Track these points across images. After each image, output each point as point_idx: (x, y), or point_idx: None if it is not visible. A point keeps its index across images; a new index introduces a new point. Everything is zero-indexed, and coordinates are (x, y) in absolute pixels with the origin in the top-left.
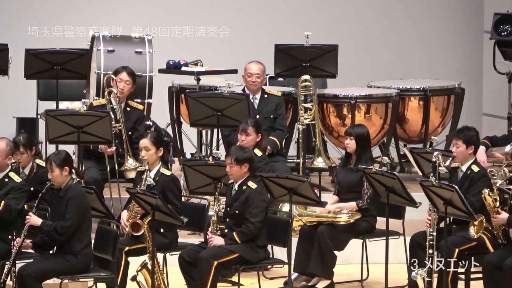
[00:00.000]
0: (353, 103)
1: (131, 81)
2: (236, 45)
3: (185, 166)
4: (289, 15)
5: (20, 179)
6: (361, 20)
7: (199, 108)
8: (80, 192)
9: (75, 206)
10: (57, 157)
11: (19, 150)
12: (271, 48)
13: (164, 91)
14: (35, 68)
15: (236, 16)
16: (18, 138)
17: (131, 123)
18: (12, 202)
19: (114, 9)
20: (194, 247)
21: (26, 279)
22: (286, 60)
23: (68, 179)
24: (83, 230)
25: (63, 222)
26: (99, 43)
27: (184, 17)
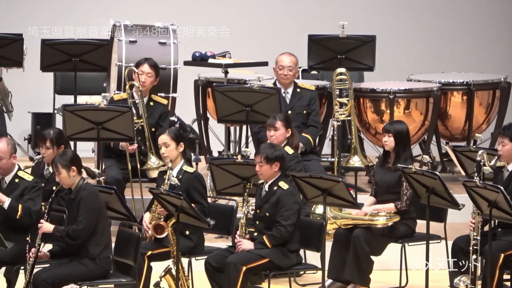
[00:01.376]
0: (391, 98)
1: (153, 74)
2: (267, 36)
3: (212, 165)
4: (323, 3)
5: (31, 177)
6: (400, 9)
7: (227, 103)
8: (91, 191)
9: (87, 207)
10: (62, 158)
11: (45, 144)
12: (304, 39)
13: (190, 84)
14: (52, 59)
15: (268, 5)
16: (48, 132)
17: (155, 118)
18: (30, 204)
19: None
20: (221, 252)
21: (42, 285)
22: (320, 52)
23: (78, 180)
24: (100, 233)
25: (76, 226)
26: (120, 33)
27: (211, 6)
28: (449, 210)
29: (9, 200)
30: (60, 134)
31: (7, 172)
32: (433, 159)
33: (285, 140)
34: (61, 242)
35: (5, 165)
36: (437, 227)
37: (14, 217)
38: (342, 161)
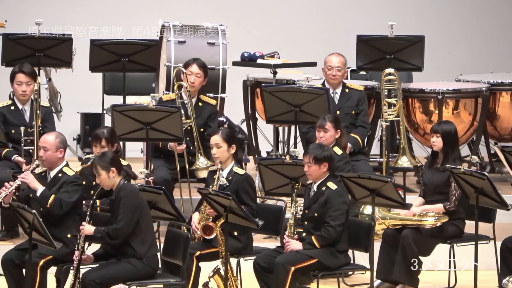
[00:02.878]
0: (440, 98)
1: (202, 74)
2: (316, 36)
3: (260, 165)
4: (372, 3)
5: (73, 172)
6: (449, 9)
7: (275, 103)
8: (131, 190)
9: (126, 206)
10: (101, 159)
11: (100, 144)
12: (353, 39)
13: (239, 85)
14: (101, 60)
15: (317, 5)
16: (101, 131)
17: (203, 119)
18: (64, 196)
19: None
20: (269, 252)
21: (90, 285)
22: (369, 52)
23: (118, 181)
24: (144, 231)
25: (115, 225)
26: (169, 34)
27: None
28: (498, 210)
29: (42, 188)
30: (113, 133)
31: (52, 165)
32: (482, 160)
33: (334, 141)
34: (103, 243)
35: (49, 157)
36: (485, 228)
37: (45, 206)
38: (390, 161)
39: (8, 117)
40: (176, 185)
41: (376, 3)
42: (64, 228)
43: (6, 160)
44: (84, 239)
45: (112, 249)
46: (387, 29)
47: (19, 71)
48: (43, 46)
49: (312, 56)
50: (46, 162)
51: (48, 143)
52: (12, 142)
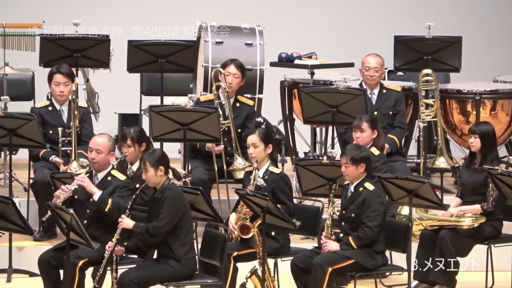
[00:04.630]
0: (477, 99)
1: (240, 75)
2: (353, 37)
3: (298, 166)
4: (409, 4)
5: (124, 177)
6: (486, 9)
7: (313, 104)
8: (177, 192)
9: (171, 206)
10: (151, 156)
11: (126, 143)
12: (390, 40)
13: (276, 85)
14: (139, 60)
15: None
16: (128, 130)
17: (241, 119)
18: (120, 201)
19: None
20: (307, 253)
21: (128, 286)
22: (406, 53)
23: (164, 180)
24: (185, 234)
25: (156, 223)
26: (206, 34)
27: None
28: None
29: (100, 192)
30: (141, 132)
31: (101, 168)
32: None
33: (371, 141)
34: (140, 238)
35: (102, 160)
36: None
37: (103, 210)
38: (428, 162)
39: (46, 117)
40: (214, 185)
41: (414, 4)
42: (109, 231)
43: (44, 160)
44: (120, 232)
45: (144, 245)
46: (425, 30)
47: (57, 71)
48: (81, 47)
49: (349, 56)
50: (97, 165)
51: (102, 146)
52: (50, 142)
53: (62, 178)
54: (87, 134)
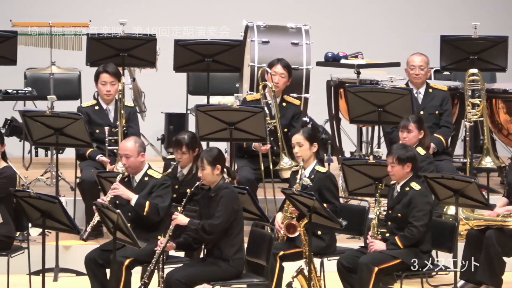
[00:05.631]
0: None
1: (286, 74)
2: (399, 36)
3: (344, 165)
4: (455, 4)
5: (160, 175)
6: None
7: (359, 103)
8: (233, 192)
9: (227, 205)
10: (208, 154)
11: (181, 150)
12: (436, 39)
13: (322, 85)
14: (185, 60)
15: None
16: (182, 137)
17: (287, 119)
18: (158, 201)
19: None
20: (353, 252)
21: (175, 285)
22: (452, 53)
23: (219, 179)
24: (235, 234)
25: (212, 220)
26: (253, 34)
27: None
28: None
29: (136, 197)
30: (194, 138)
31: (136, 170)
32: None
33: (418, 141)
34: (193, 235)
35: (133, 163)
36: None
37: (141, 213)
38: (474, 161)
39: (93, 117)
40: (260, 185)
41: (460, 4)
42: (154, 230)
43: (90, 160)
44: (174, 228)
45: (195, 243)
46: (471, 30)
47: (103, 71)
48: (128, 46)
49: (395, 56)
50: (131, 169)
51: (129, 150)
52: (96, 142)
53: (109, 177)
54: (133, 134)
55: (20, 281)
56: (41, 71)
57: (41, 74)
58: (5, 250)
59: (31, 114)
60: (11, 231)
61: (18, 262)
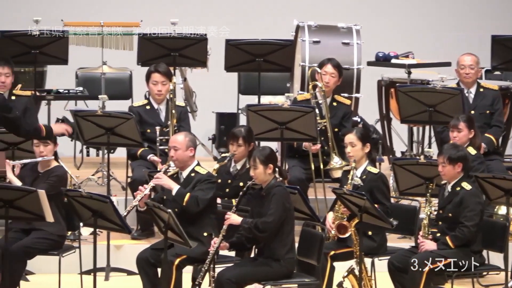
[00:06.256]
0: None
1: (337, 74)
2: (450, 36)
3: (395, 165)
4: (507, 3)
5: (206, 171)
6: None
7: (410, 103)
8: (285, 190)
9: (279, 203)
10: (261, 153)
11: (237, 142)
12: (487, 39)
13: (373, 85)
14: (236, 60)
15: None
16: (239, 130)
17: (338, 119)
18: (199, 193)
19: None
20: (404, 252)
21: (226, 284)
22: (503, 52)
23: (271, 178)
24: (286, 233)
25: (265, 218)
26: (304, 34)
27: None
28: None
29: (177, 187)
30: (250, 132)
31: (183, 165)
32: None
33: (468, 141)
34: (246, 234)
35: (180, 156)
36: None
37: (181, 204)
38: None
39: (144, 116)
40: (311, 184)
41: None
42: (200, 227)
43: (141, 159)
44: (227, 228)
45: (248, 242)
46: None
47: (154, 70)
48: (179, 46)
49: (446, 56)
50: (178, 162)
51: (178, 142)
52: (147, 141)
53: None
54: None
55: (72, 280)
56: (93, 71)
57: (92, 74)
58: (57, 250)
59: (83, 113)
60: (62, 231)
61: (70, 262)
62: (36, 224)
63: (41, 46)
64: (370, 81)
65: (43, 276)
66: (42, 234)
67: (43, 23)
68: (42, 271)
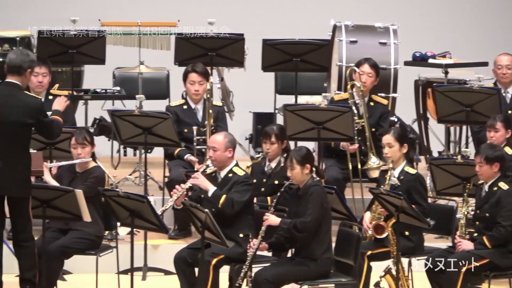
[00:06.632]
0: None
1: (374, 74)
2: (488, 36)
3: (432, 165)
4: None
5: (243, 172)
6: None
7: (447, 103)
8: (322, 189)
9: (317, 203)
10: (298, 153)
11: (270, 140)
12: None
13: (410, 84)
14: (273, 59)
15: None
16: (271, 128)
17: (375, 118)
18: (235, 195)
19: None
20: (441, 252)
21: (263, 284)
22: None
23: (308, 178)
24: (323, 233)
25: (304, 218)
26: (340, 33)
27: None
28: None
29: (214, 188)
30: (283, 129)
31: (221, 165)
32: None
33: (505, 141)
34: (285, 234)
35: (219, 157)
36: None
37: (217, 205)
38: None
39: (181, 116)
40: (348, 184)
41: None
42: (236, 228)
43: (179, 159)
44: (265, 229)
45: (287, 242)
46: None
47: (192, 70)
48: (216, 46)
49: (483, 56)
50: (216, 162)
51: (217, 143)
52: (184, 141)
53: None
54: None
55: (109, 280)
56: (130, 71)
57: (129, 74)
58: (94, 249)
59: (120, 113)
60: (99, 231)
61: (107, 261)
62: (74, 224)
63: (78, 46)
64: (407, 81)
65: (80, 275)
66: (79, 234)
67: (80, 23)
68: (79, 270)
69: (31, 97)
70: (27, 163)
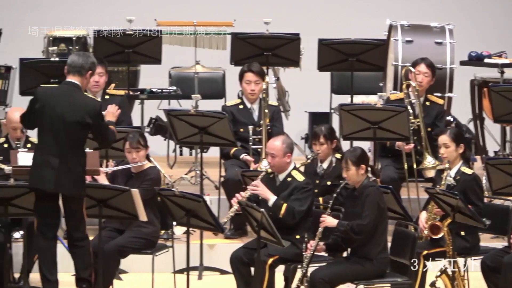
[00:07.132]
0: None
1: (430, 74)
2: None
3: (488, 165)
4: None
5: (303, 178)
6: None
7: (503, 102)
8: (379, 190)
9: (373, 204)
10: (352, 154)
11: (319, 141)
12: None
13: (466, 84)
14: (329, 59)
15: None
16: (319, 128)
17: (431, 118)
18: (295, 204)
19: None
20: (497, 252)
21: (319, 283)
22: None
23: (364, 178)
24: (380, 233)
25: (360, 220)
26: (396, 33)
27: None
28: None
29: (274, 198)
30: (332, 129)
31: (280, 170)
32: None
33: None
34: (342, 236)
35: (278, 163)
36: None
37: (278, 215)
38: None
39: (237, 116)
40: (404, 184)
41: None
42: (293, 229)
43: (234, 158)
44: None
45: (344, 243)
46: None
47: (248, 70)
48: (272, 45)
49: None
50: (275, 168)
51: (275, 149)
52: (240, 140)
53: (253, 176)
54: (277, 133)
55: (165, 279)
56: (186, 70)
57: (185, 73)
58: (150, 249)
59: (176, 113)
60: (156, 231)
61: (163, 261)
62: (130, 225)
63: (134, 46)
64: (463, 81)
65: (136, 275)
66: (136, 234)
67: (136, 23)
68: (135, 270)
69: (90, 98)
70: (82, 163)
